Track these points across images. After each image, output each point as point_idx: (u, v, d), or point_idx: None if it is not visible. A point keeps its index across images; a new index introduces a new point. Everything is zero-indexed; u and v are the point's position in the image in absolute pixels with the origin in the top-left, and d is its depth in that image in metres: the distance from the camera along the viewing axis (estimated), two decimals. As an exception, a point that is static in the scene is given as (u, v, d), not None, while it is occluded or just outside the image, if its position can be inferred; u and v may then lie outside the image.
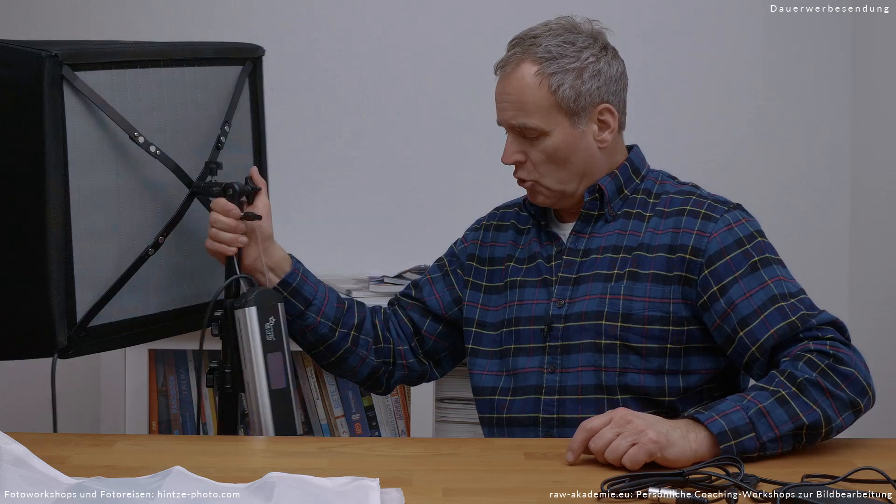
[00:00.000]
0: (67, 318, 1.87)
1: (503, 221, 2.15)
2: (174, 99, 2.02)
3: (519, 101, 1.98)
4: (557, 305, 2.00)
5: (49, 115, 1.81)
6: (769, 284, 1.89)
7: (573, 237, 2.03)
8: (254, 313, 1.93)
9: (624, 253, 1.98)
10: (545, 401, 1.98)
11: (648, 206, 2.01)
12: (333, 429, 2.91)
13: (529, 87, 1.97)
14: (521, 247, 2.09)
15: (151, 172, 1.98)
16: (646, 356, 1.93)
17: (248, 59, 2.15)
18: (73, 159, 1.86)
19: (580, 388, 1.95)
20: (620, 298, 1.95)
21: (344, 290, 2.89)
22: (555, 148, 1.98)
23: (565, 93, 1.96)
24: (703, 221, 1.95)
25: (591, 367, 1.95)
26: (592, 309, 1.96)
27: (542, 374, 1.99)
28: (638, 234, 1.98)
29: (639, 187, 2.03)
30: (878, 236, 2.95)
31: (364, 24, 3.15)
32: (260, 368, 1.93)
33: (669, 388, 1.93)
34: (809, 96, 3.14)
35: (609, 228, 2.01)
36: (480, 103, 3.17)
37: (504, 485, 1.61)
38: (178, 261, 2.05)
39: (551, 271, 2.03)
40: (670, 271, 1.94)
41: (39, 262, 1.84)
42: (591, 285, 1.98)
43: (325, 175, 3.17)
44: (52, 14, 3.15)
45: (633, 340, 1.93)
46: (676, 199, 2.00)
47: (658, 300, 1.94)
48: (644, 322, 1.94)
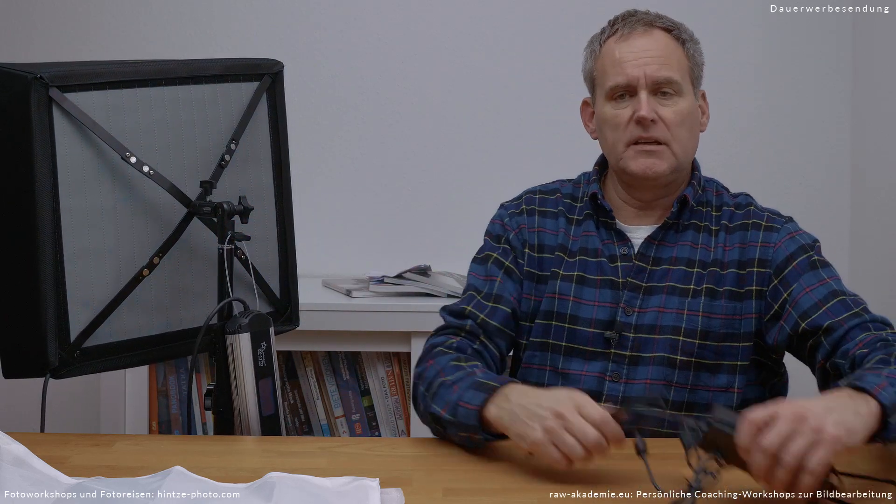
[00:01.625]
0: (59, 338, 1.88)
1: (547, 207, 2.07)
2: (177, 118, 2.01)
3: (663, 56, 1.96)
4: (626, 312, 1.96)
5: (38, 136, 1.83)
6: (829, 282, 1.90)
7: (646, 243, 1.99)
8: (247, 340, 1.91)
9: (699, 268, 1.96)
10: (604, 408, 1.92)
11: (713, 220, 2.01)
12: (333, 429, 2.91)
13: (672, 45, 1.98)
14: (573, 238, 2.03)
15: (148, 193, 1.98)
16: (716, 374, 1.93)
17: (266, 75, 2.14)
18: (64, 180, 1.87)
19: None
20: (699, 315, 1.93)
21: (344, 290, 2.89)
22: (688, 111, 1.95)
23: (695, 60, 2.00)
24: (766, 233, 1.97)
25: (661, 381, 1.92)
26: (669, 323, 1.94)
27: (604, 382, 1.95)
28: (709, 249, 1.98)
29: (702, 198, 2.03)
30: (878, 236, 2.95)
31: (364, 24, 3.15)
32: (251, 396, 1.91)
33: (740, 403, 1.92)
34: (809, 96, 3.14)
35: (680, 239, 1.99)
36: (481, 103, 3.19)
37: (504, 485, 1.61)
38: (177, 282, 2.03)
39: (617, 273, 1.98)
40: (741, 287, 1.94)
41: (31, 282, 1.85)
42: (665, 297, 1.95)
43: (325, 175, 3.17)
44: (69, 37, 3.16)
45: (707, 358, 1.93)
46: (737, 214, 2.01)
47: (732, 317, 1.94)
48: (719, 339, 1.93)
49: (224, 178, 2.07)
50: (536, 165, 3.11)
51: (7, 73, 1.85)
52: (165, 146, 2.00)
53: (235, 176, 2.09)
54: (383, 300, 2.85)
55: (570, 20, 3.11)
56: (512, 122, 3.15)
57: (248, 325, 1.90)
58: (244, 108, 2.10)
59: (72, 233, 1.89)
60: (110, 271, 1.95)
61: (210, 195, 2.01)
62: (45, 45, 3.13)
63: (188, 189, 2.01)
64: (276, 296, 2.18)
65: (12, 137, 1.85)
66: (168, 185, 1.98)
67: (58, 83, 1.86)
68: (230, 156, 2.07)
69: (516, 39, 3.14)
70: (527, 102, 3.14)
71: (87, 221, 1.91)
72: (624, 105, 1.97)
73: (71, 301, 1.89)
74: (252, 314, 1.92)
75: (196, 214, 2.01)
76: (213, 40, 3.14)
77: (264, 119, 2.15)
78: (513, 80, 3.14)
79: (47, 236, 1.86)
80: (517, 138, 3.15)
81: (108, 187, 1.94)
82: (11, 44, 3.13)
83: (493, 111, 3.15)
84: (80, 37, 3.15)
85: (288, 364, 2.91)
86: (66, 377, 1.91)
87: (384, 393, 2.91)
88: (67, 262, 1.89)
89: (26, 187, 1.84)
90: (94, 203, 1.92)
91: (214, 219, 1.97)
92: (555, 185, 2.11)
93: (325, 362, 2.92)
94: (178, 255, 2.03)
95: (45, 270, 1.86)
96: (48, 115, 1.85)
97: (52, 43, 3.14)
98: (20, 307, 1.88)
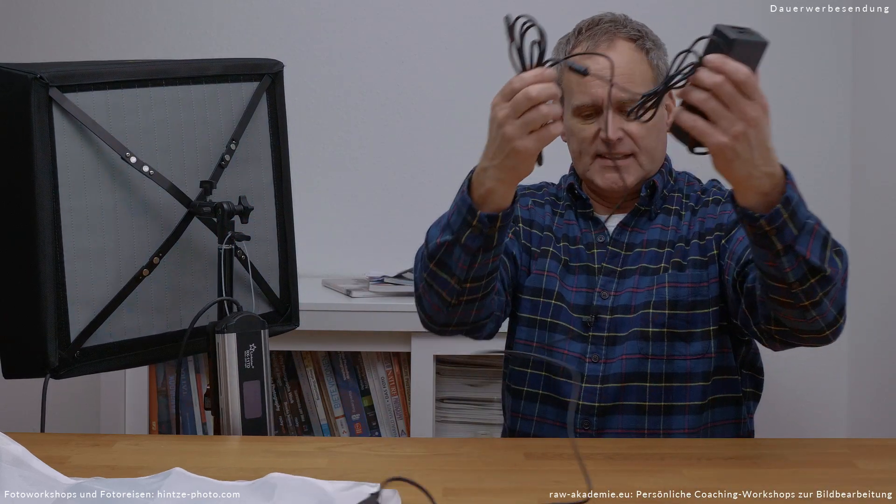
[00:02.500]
0: (59, 338, 1.88)
1: (536, 198, 2.15)
2: (177, 118, 2.01)
3: (627, 74, 1.98)
4: (601, 296, 2.01)
5: (38, 136, 1.83)
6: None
7: (619, 229, 2.06)
8: (233, 340, 1.89)
9: (668, 248, 2.02)
10: (586, 389, 1.99)
11: (683, 205, 2.07)
12: (333, 429, 2.91)
13: (635, 60, 2.00)
14: (557, 226, 2.10)
15: (148, 193, 1.98)
16: (690, 342, 1.96)
17: (266, 75, 2.14)
18: (64, 180, 1.87)
19: (623, 375, 1.97)
20: (666, 287, 1.98)
21: (344, 290, 2.89)
22: (655, 121, 1.93)
23: (660, 69, 2.02)
24: (723, 205, 2.02)
25: (636, 356, 1.97)
26: (641, 301, 1.99)
27: (584, 363, 2.00)
28: (677, 230, 2.04)
29: (673, 187, 2.09)
30: (878, 236, 2.95)
31: (364, 24, 3.15)
32: (235, 396, 1.90)
33: (714, 369, 1.97)
34: (809, 96, 3.14)
35: (651, 224, 2.05)
36: (481, 104, 3.18)
37: (504, 485, 1.61)
38: (178, 281, 2.03)
39: (593, 259, 2.04)
40: (704, 255, 1.99)
41: (31, 282, 1.85)
42: (637, 279, 2.01)
43: (325, 175, 3.17)
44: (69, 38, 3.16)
45: (678, 327, 1.97)
46: (703, 198, 2.08)
47: (698, 285, 1.98)
48: (688, 308, 1.97)
49: (224, 178, 2.07)
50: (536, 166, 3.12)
51: (7, 73, 1.85)
52: (165, 146, 2.00)
53: (235, 176, 2.09)
54: (383, 300, 2.85)
55: (570, 21, 3.10)
56: (512, 122, 3.14)
57: (234, 326, 1.89)
58: (244, 108, 2.10)
59: (72, 233, 1.89)
60: (110, 271, 1.95)
61: (210, 195, 2.01)
62: (45, 45, 3.13)
63: (188, 189, 2.01)
64: (276, 296, 2.18)
65: (12, 137, 1.85)
66: (168, 185, 1.98)
67: (58, 83, 1.86)
68: (230, 156, 2.07)
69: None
70: (527, 102, 3.14)
71: (87, 221, 1.91)
72: (590, 121, 2.01)
73: (71, 301, 1.89)
74: (241, 315, 1.91)
75: (196, 214, 2.01)
76: (213, 40, 3.14)
77: (264, 119, 2.15)
78: (513, 80, 3.14)
79: (47, 236, 1.86)
80: (517, 138, 3.15)
81: (108, 187, 1.94)
82: (11, 44, 3.13)
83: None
84: (80, 37, 3.15)
85: (288, 364, 2.91)
86: (66, 377, 1.91)
87: (384, 393, 2.91)
88: (67, 262, 1.89)
89: (26, 187, 1.84)
90: (94, 203, 1.92)
91: (214, 219, 1.97)
92: (540, 184, 2.19)
93: (325, 362, 2.92)
94: (178, 255, 2.02)
95: (45, 270, 1.86)
96: (48, 115, 1.85)
97: (52, 43, 3.14)
98: (20, 307, 1.88)
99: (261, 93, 2.13)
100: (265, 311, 2.15)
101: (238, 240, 1.96)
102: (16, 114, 1.84)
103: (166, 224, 2.01)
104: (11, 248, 1.87)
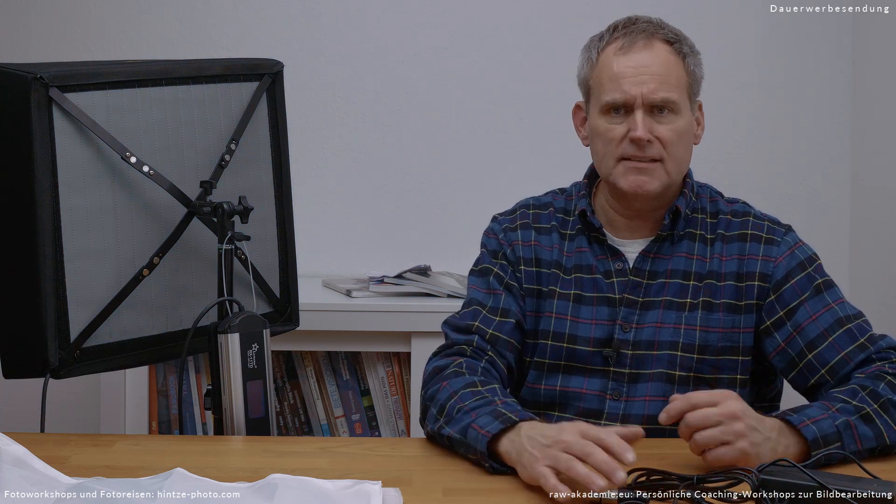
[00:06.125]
0: (59, 338, 1.88)
1: (541, 223, 2.03)
2: (178, 117, 2.01)
3: (663, 75, 1.89)
4: (623, 329, 1.93)
5: (38, 136, 1.84)
6: (834, 307, 1.88)
7: (641, 257, 1.95)
8: (236, 339, 1.89)
9: (695, 280, 1.93)
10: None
11: (709, 228, 1.96)
12: (333, 429, 2.91)
13: (672, 62, 1.91)
14: (567, 254, 1.99)
15: (148, 193, 1.98)
16: (715, 388, 1.88)
17: (266, 75, 2.14)
18: (64, 180, 1.87)
19: (646, 417, 1.89)
20: (696, 329, 1.91)
21: (344, 290, 2.89)
22: (685, 128, 1.90)
23: (695, 75, 1.94)
24: (766, 246, 1.93)
25: (660, 398, 1.89)
26: (666, 339, 1.91)
27: (605, 400, 1.93)
28: (705, 260, 1.94)
29: (696, 205, 1.98)
30: (878, 236, 2.95)
31: (364, 24, 3.15)
32: (238, 396, 1.90)
33: None
34: (809, 96, 3.14)
35: (675, 251, 1.95)
36: (481, 104, 3.19)
37: (504, 485, 1.61)
38: (177, 282, 2.03)
39: (613, 289, 1.95)
40: (740, 300, 1.91)
41: (31, 282, 1.86)
42: (662, 312, 1.93)
43: (325, 175, 3.17)
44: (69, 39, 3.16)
45: (706, 372, 1.91)
46: (734, 223, 1.96)
47: (730, 330, 1.91)
48: (717, 353, 1.91)
49: (224, 178, 2.07)
50: (536, 166, 3.12)
51: (7, 73, 1.85)
52: (165, 146, 2.00)
53: (235, 176, 2.09)
54: (383, 300, 2.85)
55: (571, 22, 3.11)
56: (512, 123, 3.15)
57: (237, 326, 1.90)
58: (244, 108, 2.10)
59: (72, 233, 1.89)
60: (110, 271, 1.95)
61: (210, 195, 2.01)
62: (45, 45, 3.13)
63: (188, 189, 2.01)
64: (276, 296, 2.18)
65: (12, 137, 1.85)
66: (168, 185, 1.98)
67: (58, 83, 1.86)
68: (230, 156, 2.07)
69: (516, 40, 3.14)
70: (526, 103, 3.14)
71: (87, 221, 1.91)
72: (618, 120, 1.91)
73: (71, 301, 1.89)
74: (244, 315, 1.92)
75: (196, 214, 2.01)
76: (213, 40, 3.14)
77: (264, 119, 2.15)
78: (512, 81, 3.14)
79: (47, 236, 1.86)
80: (517, 138, 3.15)
81: (108, 187, 1.94)
82: (11, 44, 3.13)
83: (492, 111, 3.15)
84: (80, 37, 3.15)
85: (288, 364, 2.91)
86: (66, 377, 1.91)
87: (384, 393, 2.91)
88: (67, 262, 1.89)
89: (26, 187, 1.84)
90: (94, 203, 1.92)
91: (214, 219, 1.97)
92: (548, 199, 2.06)
93: (325, 362, 2.92)
94: (178, 255, 2.03)
95: (45, 270, 1.86)
96: (48, 115, 1.85)
97: (52, 43, 3.14)
98: (20, 307, 1.88)
99: (261, 93, 2.13)
100: (265, 311, 2.15)
101: (238, 240, 1.96)
102: (16, 114, 1.84)
103: (166, 224, 2.01)
104: (11, 247, 1.87)
